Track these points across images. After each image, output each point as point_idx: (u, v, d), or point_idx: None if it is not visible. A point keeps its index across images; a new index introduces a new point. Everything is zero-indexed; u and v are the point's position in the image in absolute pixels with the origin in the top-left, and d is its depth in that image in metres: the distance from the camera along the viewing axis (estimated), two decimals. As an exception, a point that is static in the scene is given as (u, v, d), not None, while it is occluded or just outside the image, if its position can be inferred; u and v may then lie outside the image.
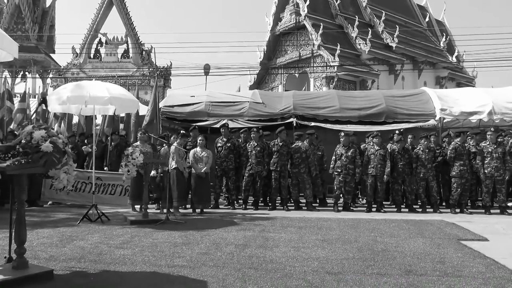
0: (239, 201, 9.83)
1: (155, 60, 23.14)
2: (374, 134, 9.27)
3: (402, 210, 9.11)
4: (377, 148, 9.02)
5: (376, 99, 11.56)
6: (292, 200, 9.56)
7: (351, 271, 4.08)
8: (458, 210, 8.90)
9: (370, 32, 26.40)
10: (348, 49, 26.28)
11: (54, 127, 10.90)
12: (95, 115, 10.41)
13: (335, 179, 9.11)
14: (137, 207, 8.55)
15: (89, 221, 6.99)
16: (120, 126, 11.50)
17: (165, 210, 7.60)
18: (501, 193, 8.79)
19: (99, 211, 7.18)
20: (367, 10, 29.72)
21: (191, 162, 8.43)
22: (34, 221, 7.00)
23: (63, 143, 3.89)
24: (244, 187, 9.25)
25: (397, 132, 9.92)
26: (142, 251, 4.86)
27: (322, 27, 25.68)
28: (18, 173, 3.64)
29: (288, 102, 11.50)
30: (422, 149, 9.11)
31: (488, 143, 8.91)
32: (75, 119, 11.64)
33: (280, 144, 9.20)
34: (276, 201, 9.39)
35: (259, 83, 29.99)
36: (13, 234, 3.85)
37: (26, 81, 22.67)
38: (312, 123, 10.88)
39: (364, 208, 9.22)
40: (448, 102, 10.94)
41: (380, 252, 4.89)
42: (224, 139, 9.39)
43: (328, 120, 11.12)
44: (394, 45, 27.51)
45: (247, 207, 9.22)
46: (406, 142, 9.35)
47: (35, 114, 11.23)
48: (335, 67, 24.67)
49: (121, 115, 11.28)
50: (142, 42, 24.23)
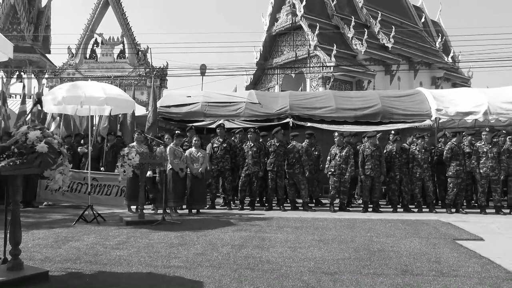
0: (236, 201, 9.83)
1: (151, 61, 23.09)
2: (370, 135, 9.27)
3: (398, 210, 9.13)
4: (373, 148, 9.04)
5: (372, 100, 11.58)
6: (288, 200, 9.56)
7: (347, 271, 4.09)
8: (453, 210, 8.93)
9: (366, 32, 26.46)
10: (344, 49, 26.32)
11: (52, 127, 10.86)
12: (93, 116, 10.41)
13: (330, 179, 9.13)
14: (133, 207, 8.53)
15: (84, 222, 6.97)
16: (117, 126, 11.48)
17: (160, 211, 7.58)
18: (496, 192, 8.82)
19: (95, 212, 7.16)
20: (363, 11, 29.79)
21: (187, 162, 8.41)
22: (29, 222, 6.97)
23: (58, 143, 3.88)
24: (241, 187, 9.24)
25: (392, 132, 9.94)
26: (138, 251, 4.85)
27: (318, 27, 25.71)
28: (13, 173, 3.62)
29: (284, 103, 11.51)
30: (418, 149, 9.14)
31: (483, 143, 8.94)
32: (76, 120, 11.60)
33: (277, 144, 9.20)
34: (273, 201, 9.38)
35: (256, 84, 29.99)
36: (8, 235, 3.83)
37: (23, 82, 22.56)
38: (309, 124, 10.89)
39: (360, 208, 9.23)
40: (444, 103, 10.98)
41: (376, 252, 4.90)
42: (220, 140, 9.38)
43: (325, 121, 11.14)
44: (390, 45, 27.58)
45: (244, 207, 9.22)
46: (403, 142, 9.37)
47: (30, 115, 11.17)
48: (331, 68, 24.71)
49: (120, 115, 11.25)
50: (138, 42, 24.21)
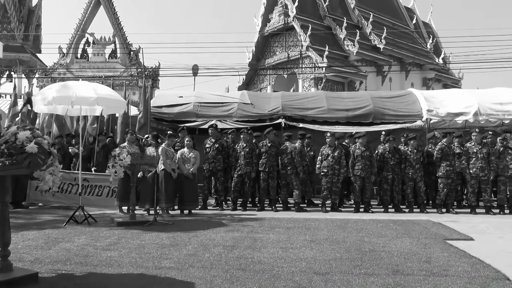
0: (228, 202, 9.81)
1: (143, 61, 22.98)
2: (360, 135, 9.29)
3: (389, 210, 9.18)
4: (363, 149, 9.08)
5: (364, 100, 11.63)
6: (280, 201, 9.57)
7: (338, 271, 4.10)
8: (444, 210, 9.00)
9: (358, 33, 26.59)
10: (336, 50, 26.44)
11: (53, 128, 10.80)
12: (86, 116, 10.35)
13: (322, 179, 9.15)
14: (124, 208, 8.48)
15: (75, 222, 6.91)
16: (109, 127, 11.42)
17: (152, 212, 7.55)
18: (486, 193, 8.91)
19: (85, 213, 7.11)
20: (355, 12, 29.94)
21: (178, 163, 8.38)
22: (19, 223, 6.90)
23: (48, 143, 3.84)
24: (233, 188, 9.23)
25: (383, 133, 9.99)
26: (129, 252, 4.82)
27: (310, 28, 25.79)
28: (2, 174, 3.58)
29: (276, 103, 11.52)
30: (410, 149, 9.20)
31: (473, 143, 9.02)
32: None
33: (269, 145, 9.21)
34: (265, 202, 9.39)
35: (248, 84, 30.00)
36: (-3, 236, 3.78)
37: (14, 81, 22.33)
38: (301, 124, 10.91)
39: (352, 209, 9.27)
40: (435, 103, 11.06)
41: (367, 252, 4.92)
42: (213, 140, 9.37)
43: (316, 121, 11.16)
44: (381, 46, 27.75)
45: (236, 208, 9.22)
46: (394, 142, 9.43)
47: (20, 115, 11.07)
48: (324, 68, 24.80)
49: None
50: (130, 42, 24.09)
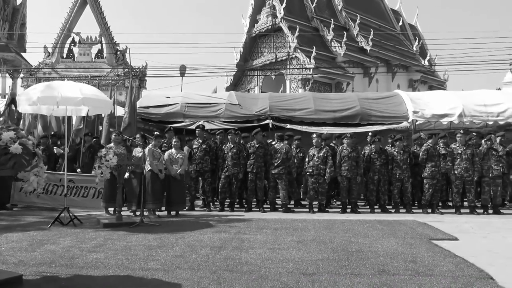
0: (215, 203, 9.79)
1: (130, 61, 22.82)
2: (346, 136, 9.34)
3: (376, 210, 9.25)
4: (349, 149, 9.14)
5: (351, 101, 11.71)
6: (268, 202, 9.58)
7: (325, 272, 4.12)
8: (429, 210, 9.10)
9: (345, 35, 26.79)
10: (323, 51, 26.59)
11: (38, 127, 10.66)
12: (72, 116, 10.23)
13: (309, 180, 9.17)
14: (110, 209, 8.41)
15: (60, 224, 6.83)
16: (95, 127, 11.31)
17: (138, 213, 7.50)
18: (470, 193, 9.04)
19: (71, 214, 7.03)
20: (342, 14, 30.15)
21: (166, 163, 8.34)
22: (2, 224, 6.81)
23: (33, 144, 3.80)
24: (221, 189, 9.21)
25: (370, 134, 10.06)
26: (115, 254, 4.78)
27: (298, 29, 25.91)
28: (-15, 175, 3.53)
29: (264, 104, 11.53)
30: (397, 150, 9.28)
31: (457, 145, 9.15)
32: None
33: (257, 145, 9.22)
34: (252, 202, 9.39)
35: (236, 85, 30.00)
36: (-20, 238, 3.73)
37: None
38: (288, 125, 10.94)
39: (339, 209, 9.32)
40: (420, 105, 11.18)
41: (354, 253, 4.95)
42: (200, 141, 9.34)
43: (304, 122, 11.20)
44: (368, 48, 28.00)
45: (224, 209, 9.20)
46: (381, 143, 9.51)
47: (3, 115, 10.91)
48: (311, 69, 24.94)
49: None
50: (116, 42, 23.90)
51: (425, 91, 21.75)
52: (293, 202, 10.34)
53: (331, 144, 9.93)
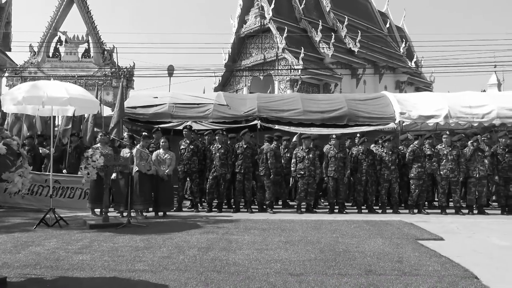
0: (203, 203, 9.76)
1: (117, 60, 22.63)
2: (333, 137, 9.39)
3: (363, 211, 9.32)
4: (336, 150, 9.19)
5: (339, 103, 11.77)
6: (256, 202, 9.58)
7: (313, 272, 4.13)
8: (416, 211, 9.19)
9: (333, 36, 26.92)
10: (311, 52, 26.69)
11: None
12: (57, 116, 10.11)
13: (299, 181, 9.19)
14: (97, 210, 8.34)
15: (46, 225, 6.75)
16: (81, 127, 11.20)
17: (126, 214, 7.44)
18: (455, 193, 9.15)
19: (57, 215, 6.95)
20: (330, 15, 30.30)
21: (154, 164, 8.29)
22: (-14, 226, 6.69)
23: (18, 144, 3.74)
24: (208, 189, 9.19)
25: (358, 135, 10.12)
26: (101, 256, 4.74)
27: (286, 30, 25.96)
28: (-32, 176, 3.47)
29: (252, 105, 11.52)
30: (385, 151, 9.36)
31: (443, 145, 9.25)
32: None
33: (244, 146, 9.22)
34: (240, 203, 9.38)
35: (224, 85, 29.95)
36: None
37: None
38: (276, 126, 10.96)
39: (327, 210, 9.36)
40: (407, 106, 11.28)
41: (341, 253, 4.98)
42: (188, 141, 9.31)
43: (292, 123, 11.23)
44: (356, 49, 28.19)
45: (211, 209, 9.18)
46: (368, 144, 9.58)
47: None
48: (299, 70, 25.00)
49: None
50: (103, 42, 23.69)
51: (411, 93, 21.96)
52: (281, 202, 10.37)
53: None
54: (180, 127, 10.56)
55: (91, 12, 24.05)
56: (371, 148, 9.69)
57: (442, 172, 9.10)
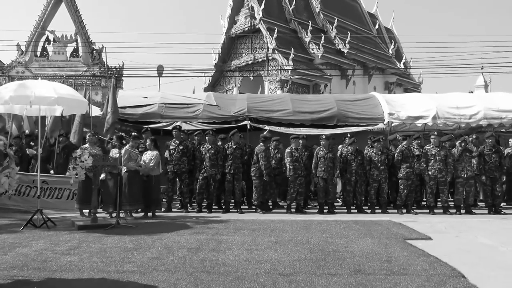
0: (193, 204, 9.73)
1: (106, 60, 22.44)
2: (323, 137, 9.41)
3: (352, 211, 9.36)
4: (326, 151, 9.22)
5: (328, 103, 11.83)
6: (246, 203, 9.58)
7: (302, 272, 4.15)
8: (404, 211, 9.26)
9: (323, 37, 27.02)
10: (301, 53, 26.76)
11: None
12: (45, 116, 9.98)
13: (293, 182, 9.14)
14: (85, 211, 8.26)
15: (33, 226, 6.67)
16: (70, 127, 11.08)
17: (114, 215, 7.39)
18: (443, 193, 9.25)
19: (44, 216, 6.87)
20: (320, 16, 30.42)
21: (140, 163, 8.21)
22: (-28, 227, 6.60)
23: (5, 145, 3.70)
24: (198, 190, 9.17)
25: (348, 135, 10.18)
26: (90, 257, 4.70)
27: (276, 31, 26.00)
28: (-47, 177, 3.42)
29: (242, 105, 11.53)
30: (375, 151, 9.41)
31: (431, 146, 9.34)
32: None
33: (234, 147, 9.21)
34: (230, 203, 9.37)
35: (214, 86, 29.88)
36: None
37: None
38: (266, 126, 10.97)
39: (316, 210, 9.39)
40: (396, 107, 11.39)
41: (330, 253, 5.00)
42: (177, 142, 9.27)
43: (282, 123, 11.26)
44: (345, 50, 28.34)
45: (201, 210, 9.16)
46: (357, 144, 9.62)
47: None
48: (289, 71, 25.05)
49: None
50: (92, 41, 23.46)
51: (400, 94, 22.16)
52: (270, 202, 10.37)
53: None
54: (170, 128, 10.52)
55: (79, 11, 23.83)
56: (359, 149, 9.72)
57: (430, 172, 9.18)
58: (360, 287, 3.72)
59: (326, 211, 9.25)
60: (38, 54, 21.25)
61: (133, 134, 8.84)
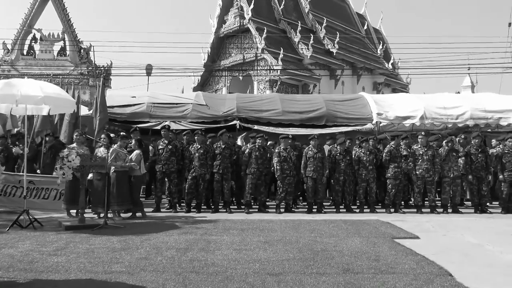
0: (182, 204, 9.69)
1: (94, 59, 22.24)
2: (311, 137, 9.45)
3: (341, 210, 9.41)
4: (315, 150, 9.25)
5: (317, 103, 11.89)
6: (235, 203, 9.57)
7: (291, 272, 4.15)
8: (392, 210, 9.33)
9: (312, 37, 27.12)
10: (291, 53, 26.83)
11: None
12: (33, 115, 9.86)
13: (282, 181, 9.14)
14: (72, 212, 8.18)
15: (19, 227, 6.59)
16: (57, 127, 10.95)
17: (102, 215, 7.33)
18: (431, 193, 9.34)
19: (31, 217, 6.79)
20: (309, 16, 30.52)
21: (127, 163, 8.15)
22: (-44, 228, 6.49)
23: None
24: (187, 190, 9.12)
25: (336, 136, 10.23)
26: (77, 257, 4.65)
27: (265, 31, 26.03)
28: None
29: (231, 105, 11.53)
30: (363, 151, 9.46)
31: (419, 146, 9.42)
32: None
33: (222, 146, 9.19)
34: (219, 203, 9.36)
35: (203, 85, 29.81)
36: None
37: None
38: (255, 126, 10.98)
39: (305, 209, 9.42)
40: (384, 107, 11.49)
41: (319, 252, 5.02)
42: (166, 141, 9.22)
43: (271, 123, 11.28)
44: (334, 51, 28.48)
45: (190, 210, 9.12)
46: (346, 144, 9.67)
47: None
48: (278, 71, 25.10)
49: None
50: (80, 40, 23.23)
51: (388, 94, 22.34)
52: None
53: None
54: (159, 127, 10.47)
55: (67, 10, 23.58)
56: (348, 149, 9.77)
57: (417, 172, 9.26)
58: (349, 286, 3.73)
59: (315, 210, 9.28)
60: (25, 52, 20.97)
61: (121, 133, 8.77)
